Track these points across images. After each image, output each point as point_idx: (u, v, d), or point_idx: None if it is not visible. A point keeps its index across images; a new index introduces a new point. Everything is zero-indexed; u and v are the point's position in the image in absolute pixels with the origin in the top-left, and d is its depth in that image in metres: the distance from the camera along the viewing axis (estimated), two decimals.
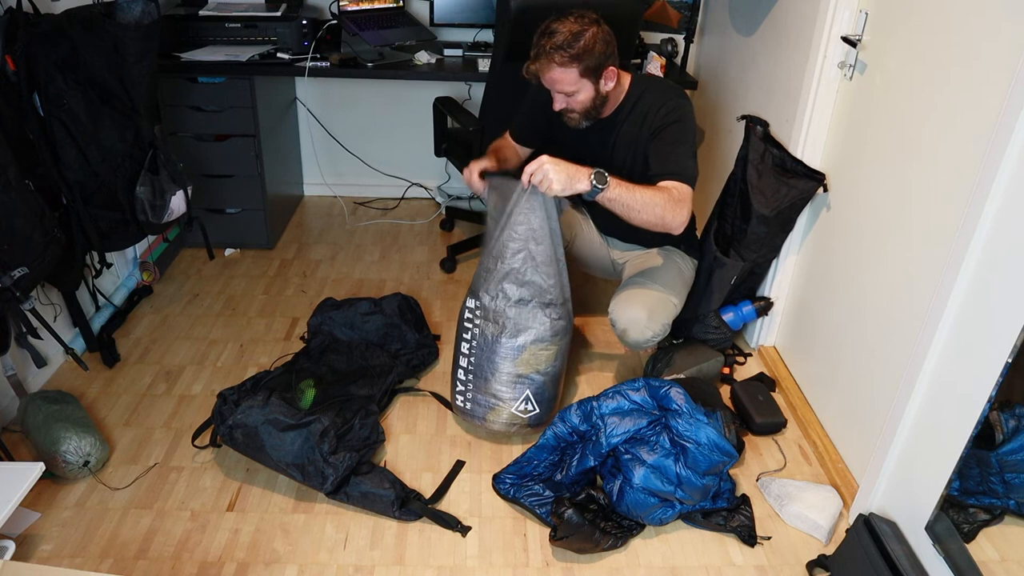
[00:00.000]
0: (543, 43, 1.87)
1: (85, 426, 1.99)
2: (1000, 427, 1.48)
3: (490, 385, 2.07)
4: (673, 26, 3.09)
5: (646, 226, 1.87)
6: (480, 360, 2.07)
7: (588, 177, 1.78)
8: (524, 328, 2.01)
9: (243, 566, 1.76)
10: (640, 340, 2.09)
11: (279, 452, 1.89)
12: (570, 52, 1.86)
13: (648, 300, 2.10)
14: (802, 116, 2.20)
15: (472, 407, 2.12)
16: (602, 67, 1.92)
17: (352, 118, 3.41)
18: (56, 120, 2.00)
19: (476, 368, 2.08)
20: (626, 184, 1.82)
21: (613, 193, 1.80)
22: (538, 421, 2.12)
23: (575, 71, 1.89)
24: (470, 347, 2.08)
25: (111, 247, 2.33)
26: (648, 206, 1.83)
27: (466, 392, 2.12)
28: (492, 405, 2.08)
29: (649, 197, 1.83)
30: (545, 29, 1.89)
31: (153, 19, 2.09)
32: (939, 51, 1.68)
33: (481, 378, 2.08)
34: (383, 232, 3.31)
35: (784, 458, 2.14)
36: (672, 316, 2.13)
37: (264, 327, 2.62)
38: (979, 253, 1.49)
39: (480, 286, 2.04)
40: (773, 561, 1.84)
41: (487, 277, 2.02)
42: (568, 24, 1.86)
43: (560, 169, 1.77)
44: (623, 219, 1.86)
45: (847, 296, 2.07)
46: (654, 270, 2.21)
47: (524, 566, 1.80)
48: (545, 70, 1.90)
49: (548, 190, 1.78)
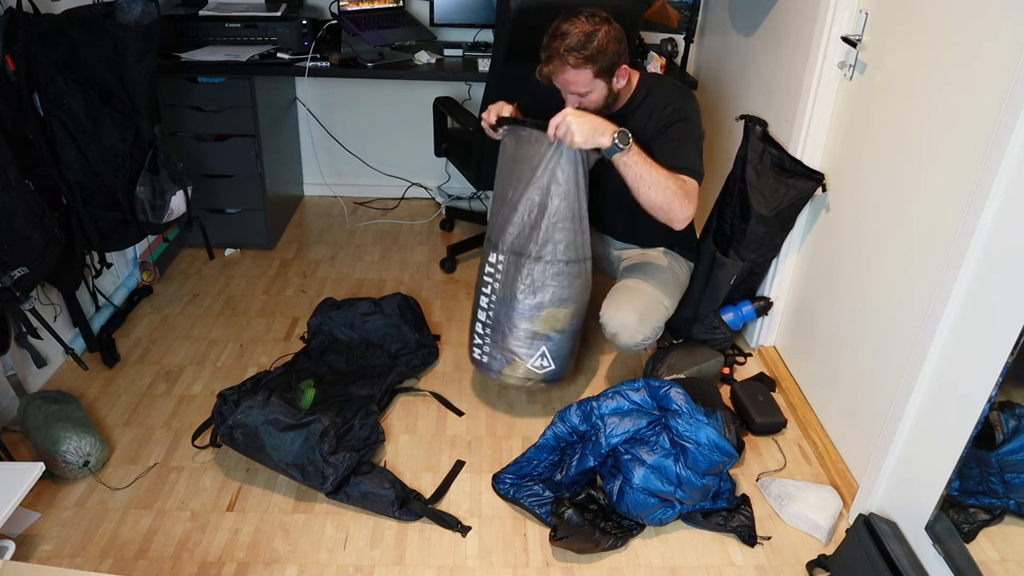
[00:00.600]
0: (555, 45, 1.86)
1: (85, 426, 1.99)
2: (1000, 427, 1.49)
3: (507, 341, 2.09)
4: (673, 26, 3.09)
5: (651, 207, 1.86)
6: (498, 315, 2.08)
7: (612, 133, 1.79)
8: (543, 286, 2.02)
9: (243, 566, 1.76)
10: (631, 344, 2.09)
11: (279, 452, 1.89)
12: (584, 53, 1.84)
13: (639, 303, 2.10)
14: (802, 116, 2.20)
15: (489, 360, 2.15)
16: (615, 66, 1.91)
17: (352, 118, 3.41)
18: (56, 120, 2.00)
19: (494, 323, 2.10)
20: (646, 156, 1.83)
21: (631, 159, 1.81)
22: (553, 377, 2.15)
23: (589, 72, 1.88)
24: (488, 301, 2.10)
25: (111, 247, 2.33)
26: (659, 185, 1.83)
27: (483, 346, 2.15)
28: (509, 360, 2.11)
29: (664, 178, 1.83)
30: (556, 30, 1.87)
31: (153, 19, 2.09)
32: (939, 51, 1.68)
33: (499, 333, 2.10)
34: (383, 232, 3.31)
35: (784, 458, 2.14)
36: (663, 319, 2.13)
37: (264, 327, 2.62)
38: (979, 253, 1.49)
39: (502, 239, 2.03)
40: (773, 561, 1.84)
41: (508, 229, 2.01)
42: (580, 24, 1.85)
43: (583, 121, 1.79)
44: (631, 190, 1.84)
45: (847, 296, 2.07)
46: (647, 271, 2.21)
47: (524, 566, 1.80)
48: (559, 72, 1.89)
49: (571, 143, 1.81)
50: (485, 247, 2.12)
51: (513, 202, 2.00)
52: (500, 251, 2.04)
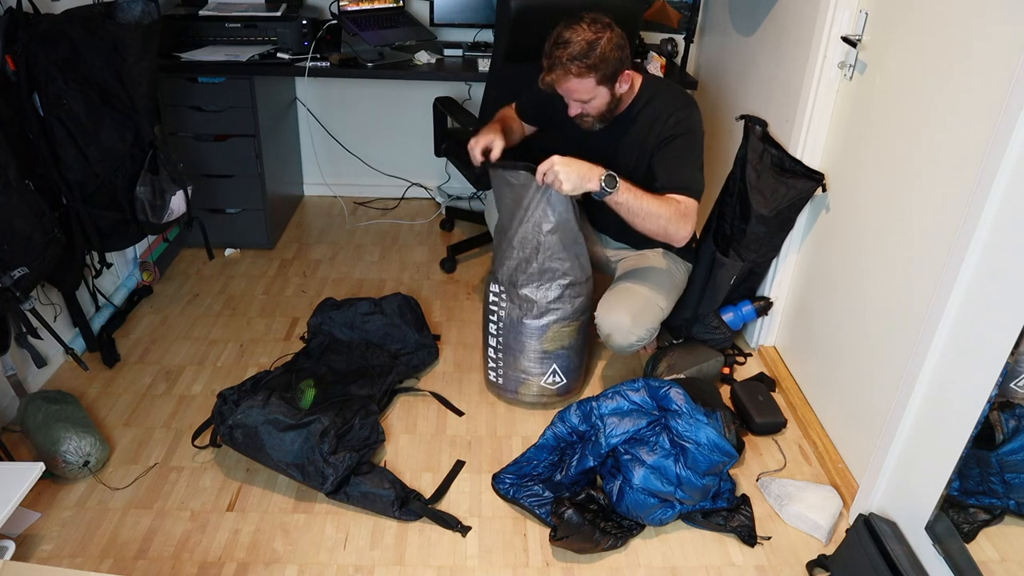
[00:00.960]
0: (557, 54, 1.84)
1: (85, 426, 1.99)
2: (1000, 427, 1.49)
3: (519, 362, 2.20)
4: (673, 26, 3.09)
5: (648, 234, 1.92)
6: (508, 339, 2.19)
7: (599, 179, 1.82)
8: (546, 310, 2.11)
9: (243, 566, 1.76)
10: (624, 345, 2.09)
11: (279, 452, 1.89)
12: (587, 62, 1.83)
13: (633, 304, 2.10)
14: (802, 116, 2.20)
15: (504, 382, 2.26)
16: (618, 72, 1.90)
17: (352, 118, 3.41)
18: (56, 120, 2.00)
19: (504, 347, 2.20)
20: (635, 190, 1.86)
21: (621, 197, 1.85)
22: (566, 390, 2.27)
23: (592, 80, 1.87)
24: (497, 328, 2.20)
25: (111, 247, 2.33)
26: (653, 216, 1.88)
27: (497, 368, 2.26)
28: (522, 380, 2.23)
29: (655, 208, 1.87)
30: (558, 38, 1.84)
31: (153, 19, 2.09)
32: (939, 51, 1.68)
33: (510, 355, 2.20)
34: (383, 232, 3.31)
35: (784, 458, 2.14)
36: (658, 320, 2.13)
37: (264, 327, 2.62)
38: (979, 253, 1.49)
39: (501, 272, 2.12)
40: (773, 561, 1.84)
41: (507, 263, 2.09)
42: (582, 32, 1.83)
43: (571, 170, 1.81)
44: (626, 223, 1.88)
45: (847, 296, 2.07)
46: (643, 273, 2.21)
47: (524, 566, 1.80)
48: (561, 81, 1.88)
49: (559, 189, 1.84)
50: (489, 276, 2.20)
51: (509, 237, 2.08)
52: (500, 282, 2.13)
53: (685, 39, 3.04)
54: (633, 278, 2.19)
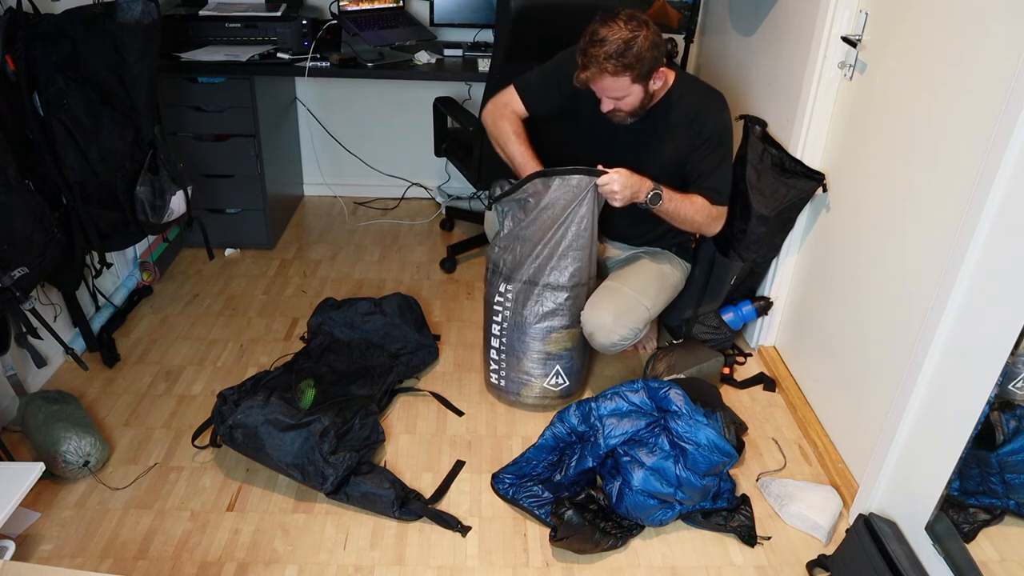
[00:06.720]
0: (593, 52, 1.82)
1: (85, 426, 1.99)
2: (1000, 427, 1.49)
3: (522, 364, 2.19)
4: (673, 26, 3.09)
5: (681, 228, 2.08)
6: (511, 340, 2.18)
7: (647, 194, 1.94)
8: (552, 312, 2.11)
9: (243, 566, 1.76)
10: (606, 343, 2.08)
11: (279, 452, 1.89)
12: (623, 61, 1.82)
13: (617, 303, 2.09)
14: (802, 116, 2.20)
15: (506, 384, 2.24)
16: (653, 70, 1.90)
17: (352, 118, 3.41)
18: (56, 120, 2.00)
19: (507, 348, 2.19)
20: (677, 199, 1.99)
21: (662, 208, 1.97)
22: (568, 392, 2.26)
23: (627, 79, 1.86)
24: (501, 328, 2.18)
25: (111, 247, 2.33)
26: (689, 221, 2.04)
27: (499, 370, 2.24)
28: (525, 381, 2.21)
29: (693, 214, 2.02)
30: (594, 35, 1.83)
31: (153, 19, 2.09)
32: (939, 51, 1.68)
33: (513, 356, 2.19)
34: (383, 232, 3.31)
35: (784, 458, 2.14)
36: (643, 320, 2.11)
37: (264, 327, 2.62)
38: (979, 252, 1.49)
39: (511, 271, 2.11)
40: (773, 561, 1.84)
41: (521, 262, 2.09)
42: (618, 31, 1.81)
43: (628, 185, 1.91)
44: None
45: (847, 296, 2.06)
46: (632, 272, 2.21)
47: (524, 566, 1.80)
48: (597, 79, 1.87)
49: (611, 200, 1.93)
50: (492, 278, 2.16)
51: (534, 238, 2.06)
52: (511, 282, 2.12)
53: (685, 39, 3.04)
54: (621, 277, 2.19)
